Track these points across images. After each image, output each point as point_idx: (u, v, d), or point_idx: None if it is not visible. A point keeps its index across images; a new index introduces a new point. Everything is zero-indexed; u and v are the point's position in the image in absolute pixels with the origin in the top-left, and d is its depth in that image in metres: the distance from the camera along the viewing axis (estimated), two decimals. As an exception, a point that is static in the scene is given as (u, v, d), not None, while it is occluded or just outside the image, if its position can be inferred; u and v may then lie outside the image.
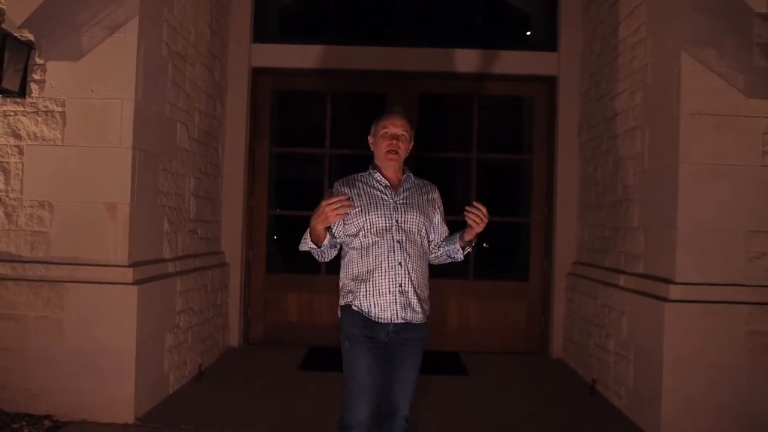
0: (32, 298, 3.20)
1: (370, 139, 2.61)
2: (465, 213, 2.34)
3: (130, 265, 3.26)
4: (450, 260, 2.62)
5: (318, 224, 2.32)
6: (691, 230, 3.19)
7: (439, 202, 2.62)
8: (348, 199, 2.31)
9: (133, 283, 3.22)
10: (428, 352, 2.57)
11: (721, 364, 3.13)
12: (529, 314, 5.17)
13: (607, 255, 4.21)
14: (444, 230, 2.62)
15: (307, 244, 2.44)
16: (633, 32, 3.89)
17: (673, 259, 3.23)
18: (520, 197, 5.48)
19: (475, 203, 2.34)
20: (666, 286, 3.22)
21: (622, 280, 3.82)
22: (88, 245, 3.26)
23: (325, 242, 2.43)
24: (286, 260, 5.53)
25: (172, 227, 3.87)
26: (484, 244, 5.65)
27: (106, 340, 3.19)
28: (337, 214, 2.27)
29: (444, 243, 2.59)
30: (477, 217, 2.34)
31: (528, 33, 5.57)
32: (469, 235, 2.47)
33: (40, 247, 3.28)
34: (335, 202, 2.24)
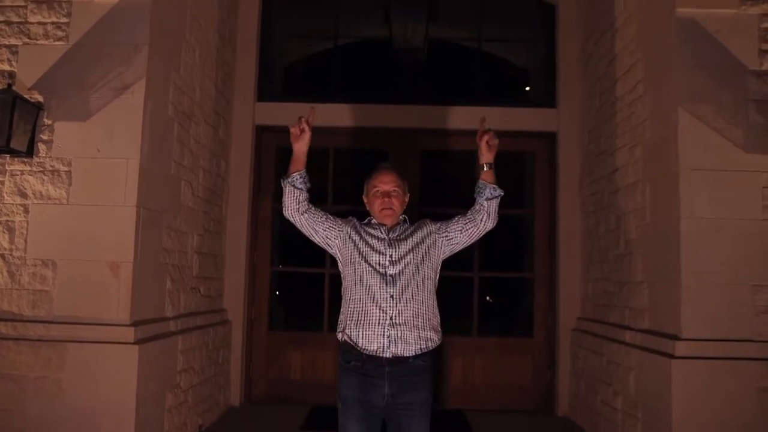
0: (32, 358, 3.17)
1: (365, 199, 2.64)
2: (486, 142, 2.41)
3: (132, 324, 3.24)
4: (496, 200, 2.58)
5: (295, 143, 2.66)
6: (696, 285, 3.17)
7: (433, 225, 2.64)
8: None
9: (135, 343, 3.20)
10: (432, 412, 2.51)
11: (731, 423, 3.06)
12: (535, 371, 5.10)
13: (612, 310, 4.18)
14: (457, 222, 2.61)
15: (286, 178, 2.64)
16: (631, 89, 3.96)
17: (678, 315, 3.20)
18: (523, 252, 5.47)
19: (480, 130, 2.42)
20: (672, 343, 3.18)
21: (628, 336, 3.78)
22: (89, 304, 3.24)
23: (292, 179, 2.63)
24: (289, 317, 5.49)
25: (174, 285, 3.86)
26: (488, 298, 5.61)
27: (106, 400, 3.14)
28: (301, 129, 2.62)
29: (479, 199, 2.59)
30: (490, 139, 2.48)
31: (528, 90, 5.68)
32: (487, 159, 2.50)
33: (42, 305, 3.27)
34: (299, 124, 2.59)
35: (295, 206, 2.58)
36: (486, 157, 2.56)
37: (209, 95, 4.47)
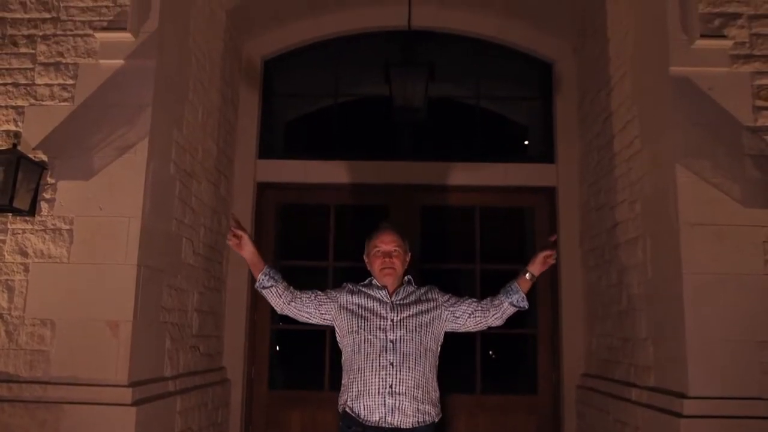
0: (28, 421, 3.11)
1: (365, 259, 2.63)
2: (545, 257, 2.42)
3: (130, 385, 3.18)
4: (516, 310, 2.58)
5: (240, 252, 2.66)
6: (701, 342, 3.13)
7: (442, 296, 2.61)
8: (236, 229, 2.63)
9: (132, 404, 3.14)
10: (437, 475, 2.45)
11: (743, 484, 2.98)
12: (540, 430, 4.98)
13: (617, 367, 4.12)
14: (469, 304, 2.58)
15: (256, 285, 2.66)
16: (628, 145, 4.01)
17: (685, 372, 3.14)
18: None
19: (551, 246, 2.46)
20: (680, 401, 3.12)
21: (634, 394, 3.71)
22: (87, 364, 3.20)
23: (259, 281, 2.58)
24: (289, 376, 5.41)
25: (173, 344, 3.82)
26: (491, 353, 5.55)
27: (101, 464, 3.07)
28: (236, 235, 2.60)
29: (504, 297, 2.57)
30: (550, 258, 2.44)
31: (526, 146, 5.74)
32: (535, 270, 2.50)
33: (39, 366, 3.22)
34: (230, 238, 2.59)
35: (279, 302, 2.58)
36: (535, 268, 2.58)
37: (211, 153, 4.52)
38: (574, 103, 5.17)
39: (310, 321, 2.67)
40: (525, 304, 2.59)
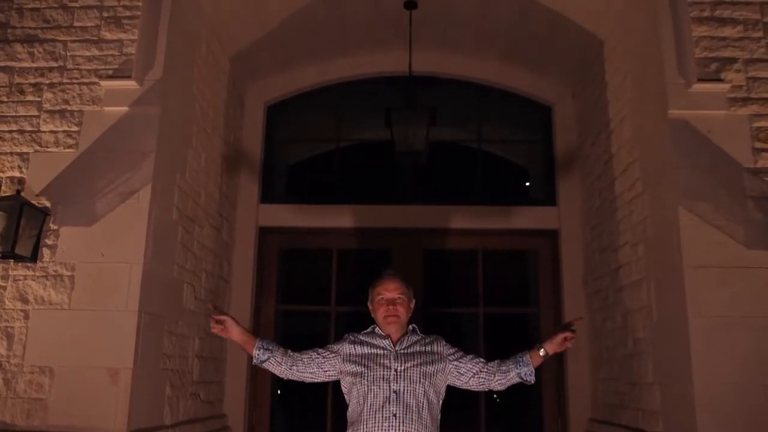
0: (24, 471, 3.05)
1: (369, 306, 2.61)
2: (564, 339, 2.40)
3: (129, 434, 3.13)
4: (521, 382, 2.55)
5: (228, 336, 2.71)
6: (709, 386, 3.08)
7: (448, 349, 2.58)
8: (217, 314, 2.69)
9: (131, 453, 3.08)
10: None
11: None
12: (547, 477, 4.88)
13: (624, 411, 4.05)
14: (475, 363, 2.54)
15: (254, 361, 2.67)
16: (629, 187, 4.02)
17: (693, 418, 3.08)
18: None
19: (573, 329, 2.43)
20: (690, 448, 3.06)
21: (643, 440, 3.64)
22: (86, 412, 3.14)
23: (256, 357, 2.59)
24: (291, 422, 5.32)
25: (174, 391, 3.76)
26: (495, 397, 5.46)
27: None
28: (218, 322, 2.64)
29: (512, 366, 2.53)
30: (569, 341, 2.42)
31: (528, 188, 5.76)
32: (550, 349, 2.47)
33: (37, 415, 3.17)
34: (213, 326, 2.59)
35: (281, 369, 2.58)
36: (552, 347, 2.58)
37: (213, 198, 4.54)
38: (575, 145, 5.21)
39: (316, 381, 2.65)
40: (532, 379, 2.57)
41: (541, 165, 5.48)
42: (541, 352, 2.57)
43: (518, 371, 2.53)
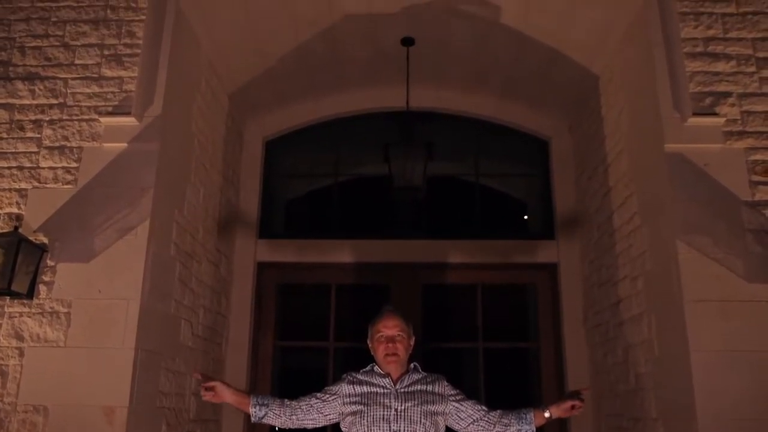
0: None
1: (369, 344, 2.58)
2: (572, 407, 2.37)
3: (123, 475, 3.07)
4: None
5: (222, 401, 2.70)
6: (713, 422, 3.04)
7: (450, 390, 2.54)
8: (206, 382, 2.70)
9: (125, 495, 3.02)
10: None
11: None
12: None
13: (628, 449, 3.99)
14: (477, 410, 2.50)
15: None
16: (627, 221, 4.02)
17: (698, 454, 3.04)
18: (530, 387, 5.31)
19: (581, 398, 2.40)
20: (697, 486, 3.00)
21: (647, 478, 3.58)
22: (80, 452, 3.09)
23: (253, 415, 2.55)
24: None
25: (170, 430, 3.70)
26: None
27: None
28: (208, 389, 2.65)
29: (514, 421, 2.48)
30: (576, 409, 2.39)
31: (526, 222, 5.76)
32: (554, 414, 2.43)
33: (30, 455, 3.12)
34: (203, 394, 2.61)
35: (281, 421, 2.57)
36: (557, 412, 2.55)
37: (211, 234, 4.53)
38: (572, 179, 5.23)
39: (318, 426, 2.61)
40: None
41: (539, 198, 5.49)
42: (546, 414, 2.52)
43: (519, 428, 2.48)
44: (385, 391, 2.42)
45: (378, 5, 4.29)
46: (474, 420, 2.48)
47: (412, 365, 2.55)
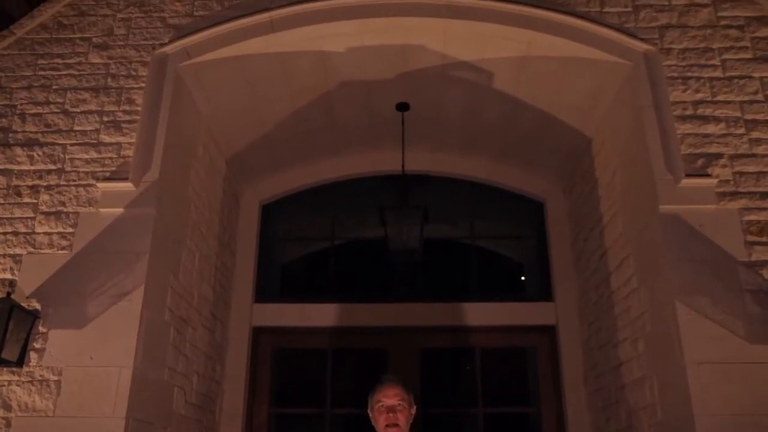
0: None
1: (368, 413, 2.53)
2: None
3: None
4: None
5: None
6: (721, 490, 2.95)
7: None
8: None
9: None
10: None
11: None
12: None
13: None
14: None
15: None
16: (625, 282, 4.00)
17: None
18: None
19: None
20: None
21: None
22: None
23: None
24: None
25: (160, 503, 3.57)
26: None
27: None
28: None
29: None
30: None
31: (524, 284, 5.73)
32: None
33: None
34: None
35: None
36: None
37: (207, 299, 4.49)
38: (568, 240, 5.23)
39: None
40: None
41: (535, 260, 5.48)
42: None
43: None
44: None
45: (373, 72, 4.39)
46: None
47: (412, 437, 2.49)
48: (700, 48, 3.90)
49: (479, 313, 5.09)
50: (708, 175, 3.54)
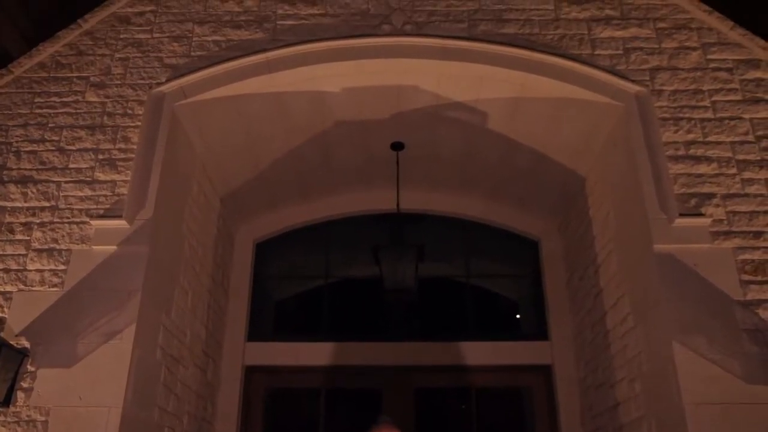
0: None
1: None
2: None
3: None
4: None
5: None
6: None
7: None
8: None
9: None
10: None
11: None
12: None
13: None
14: None
15: None
16: (621, 321, 3.98)
17: None
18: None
19: None
20: None
21: None
22: None
23: None
24: None
25: None
26: None
27: None
28: None
29: None
30: None
31: (519, 322, 5.69)
32: None
33: None
34: None
35: None
36: None
37: (199, 337, 4.43)
38: (563, 279, 5.22)
39: None
40: None
41: (531, 299, 5.46)
42: None
43: None
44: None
45: (368, 111, 4.43)
46: None
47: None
48: (690, 90, 3.96)
49: (474, 352, 5.04)
50: (701, 215, 3.56)
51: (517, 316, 5.74)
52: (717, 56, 4.05)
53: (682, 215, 3.53)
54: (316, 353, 5.05)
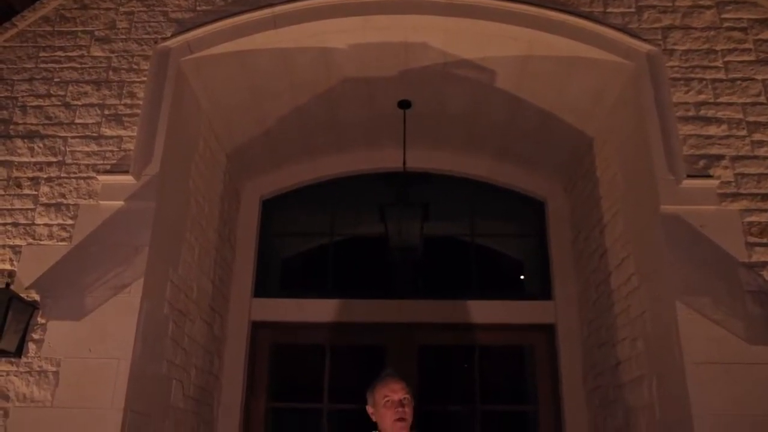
0: None
1: (370, 410, 2.52)
2: None
3: None
4: None
5: None
6: (718, 489, 2.95)
7: None
8: None
9: None
10: None
11: None
12: None
13: None
14: None
15: None
16: (625, 281, 3.99)
17: None
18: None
19: None
20: None
21: None
22: None
23: None
24: None
25: (157, 496, 3.57)
26: None
27: None
28: None
29: None
30: None
31: (523, 282, 5.73)
32: None
33: None
34: None
35: None
36: None
37: (206, 292, 4.49)
38: (569, 239, 5.23)
39: None
40: None
41: (535, 259, 5.48)
42: None
43: None
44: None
45: (375, 69, 4.38)
46: None
47: (416, 432, 2.49)
48: (703, 49, 3.89)
49: (478, 311, 5.09)
50: (710, 176, 3.54)
51: (522, 276, 5.77)
52: (731, 15, 3.97)
53: (690, 176, 3.52)
54: (322, 310, 5.11)
